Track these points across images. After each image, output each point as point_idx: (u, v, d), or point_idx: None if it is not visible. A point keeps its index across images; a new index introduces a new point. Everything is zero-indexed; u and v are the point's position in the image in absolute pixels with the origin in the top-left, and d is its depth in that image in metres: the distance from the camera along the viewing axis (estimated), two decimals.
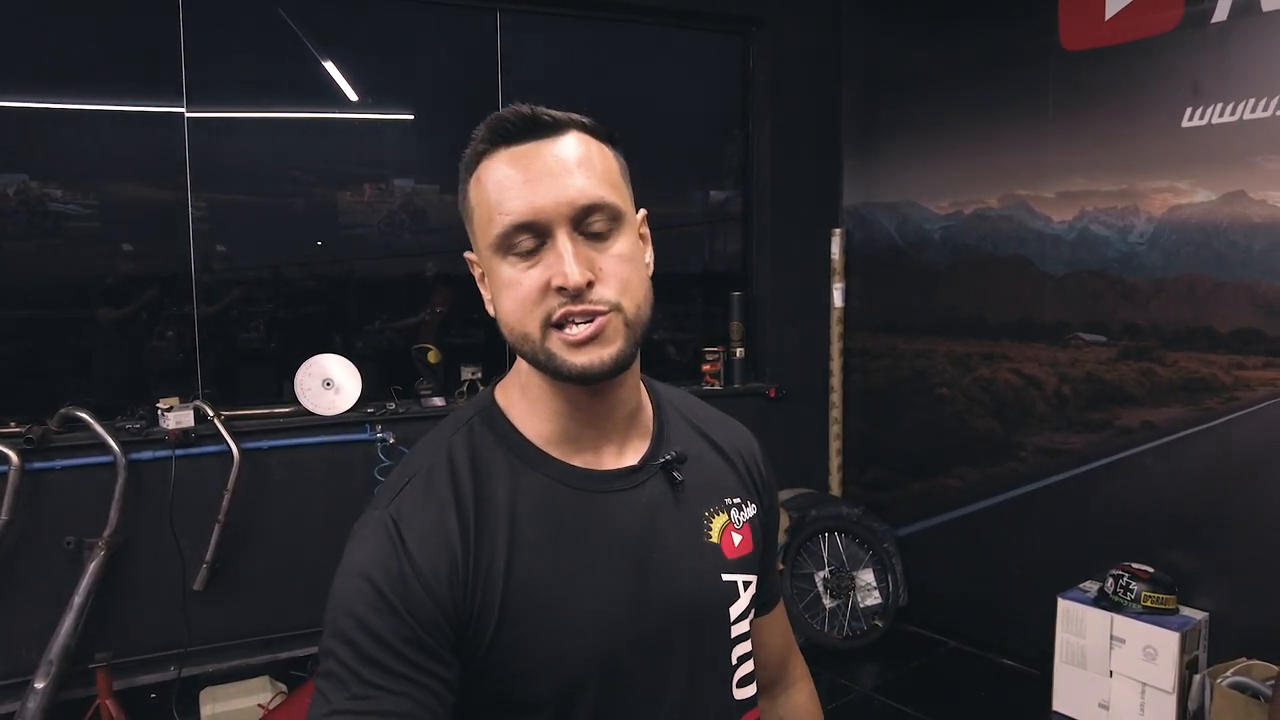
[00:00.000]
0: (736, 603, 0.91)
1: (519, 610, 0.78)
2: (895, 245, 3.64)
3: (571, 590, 0.80)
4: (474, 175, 0.81)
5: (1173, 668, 2.57)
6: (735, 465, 0.97)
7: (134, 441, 2.70)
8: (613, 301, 0.77)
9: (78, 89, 2.89)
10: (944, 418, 3.48)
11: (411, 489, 0.81)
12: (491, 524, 0.79)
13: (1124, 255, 2.87)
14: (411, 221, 3.47)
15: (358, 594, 0.75)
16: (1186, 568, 2.72)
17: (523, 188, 0.76)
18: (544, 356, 0.78)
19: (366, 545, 0.78)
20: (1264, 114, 2.52)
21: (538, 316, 0.77)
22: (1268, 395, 2.57)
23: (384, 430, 3.05)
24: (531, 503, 0.81)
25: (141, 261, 3.06)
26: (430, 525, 0.78)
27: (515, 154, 0.78)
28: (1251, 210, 2.56)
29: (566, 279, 0.75)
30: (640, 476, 0.87)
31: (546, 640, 0.79)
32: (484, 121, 0.80)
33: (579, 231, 0.77)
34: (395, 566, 0.75)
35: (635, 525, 0.85)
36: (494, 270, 0.80)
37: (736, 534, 0.92)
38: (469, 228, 0.84)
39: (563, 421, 0.84)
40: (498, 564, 0.78)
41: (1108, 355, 2.93)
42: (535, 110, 0.79)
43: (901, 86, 3.60)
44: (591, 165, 0.78)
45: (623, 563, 0.83)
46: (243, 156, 3.15)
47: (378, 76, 3.32)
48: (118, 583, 2.69)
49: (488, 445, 0.84)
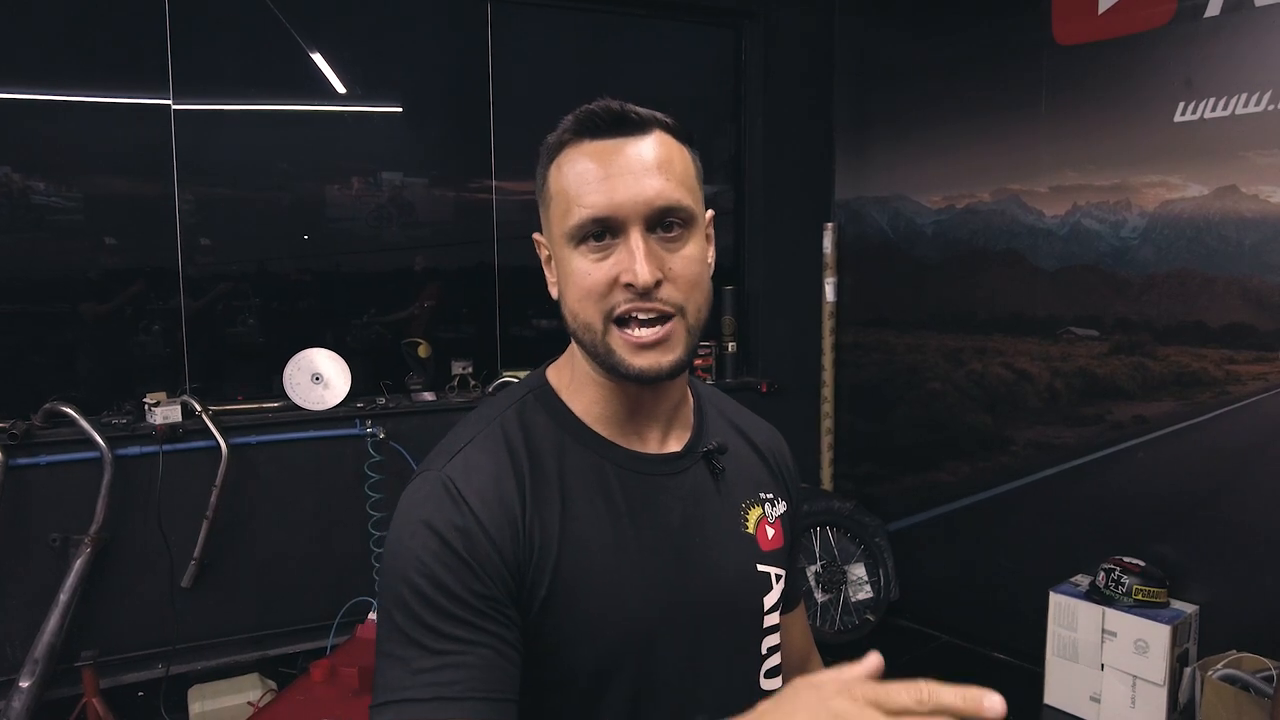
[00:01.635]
0: (770, 594, 0.93)
1: (569, 577, 0.79)
2: (887, 240, 3.64)
3: (617, 565, 0.82)
4: (555, 162, 0.83)
5: (1164, 661, 2.58)
6: (768, 461, 1.00)
7: (120, 437, 2.66)
8: (678, 304, 0.80)
9: (61, 80, 2.84)
10: (936, 412, 3.48)
11: (466, 454, 0.82)
12: (545, 491, 0.81)
13: (1116, 250, 2.87)
14: (400, 215, 3.44)
15: (423, 547, 0.76)
16: (1177, 561, 2.73)
17: (603, 183, 0.78)
18: (603, 350, 0.80)
19: (427, 502, 0.78)
20: (1256, 109, 2.52)
21: (602, 309, 0.79)
22: (1258, 389, 2.58)
23: (374, 425, 3.02)
24: (581, 478, 0.84)
25: (127, 255, 3.01)
26: (489, 484, 0.79)
27: (599, 148, 0.80)
28: (1243, 205, 2.57)
29: (636, 277, 0.77)
30: (683, 464, 0.89)
31: (592, 610, 0.80)
32: (572, 113, 0.82)
33: (652, 231, 0.79)
34: (459, 520, 0.77)
35: (678, 510, 0.87)
36: (564, 258, 0.82)
37: (770, 527, 0.95)
38: (543, 212, 0.86)
39: (612, 407, 0.87)
40: (552, 529, 0.80)
41: (1100, 349, 2.94)
42: (624, 107, 0.81)
43: (894, 80, 3.59)
44: (671, 167, 0.80)
45: (665, 544, 0.85)
46: (229, 149, 3.11)
47: (366, 68, 3.28)
48: (104, 580, 2.66)
49: (539, 420, 0.86)
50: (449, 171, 3.52)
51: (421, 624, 0.74)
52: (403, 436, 3.05)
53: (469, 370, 3.29)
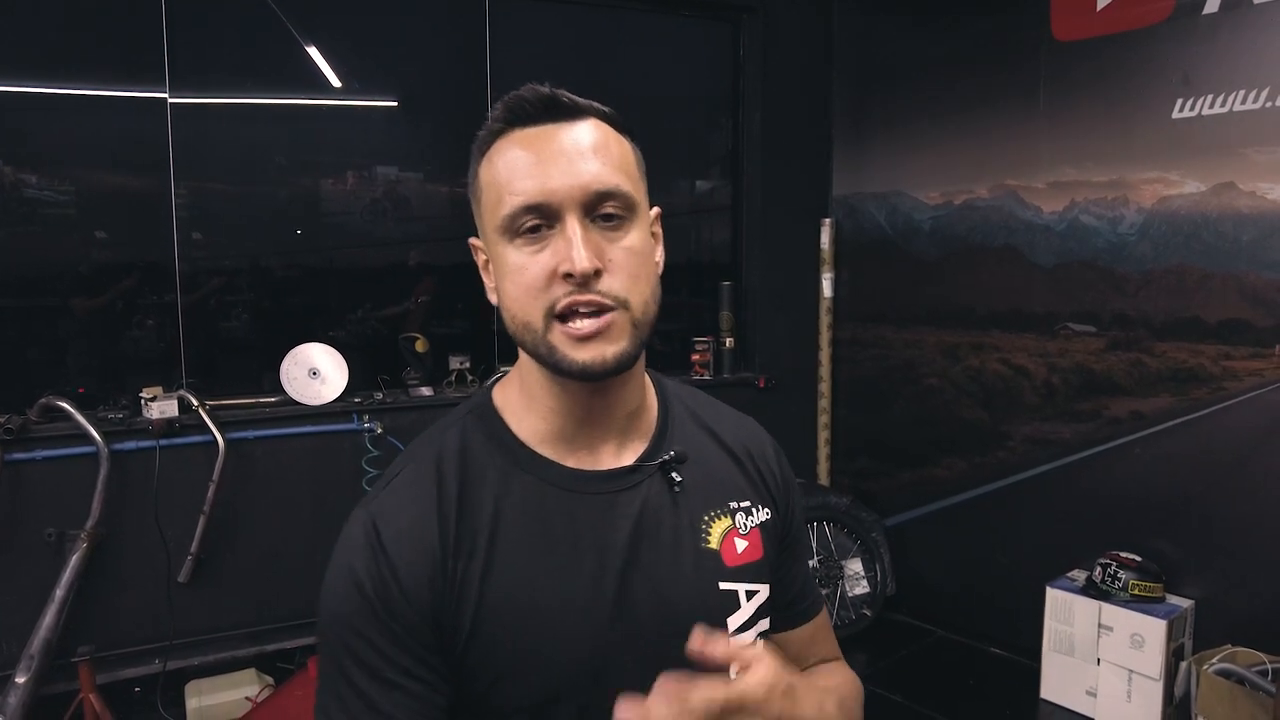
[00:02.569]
0: (736, 613, 0.86)
1: (497, 613, 0.77)
2: (885, 235, 3.64)
3: (552, 595, 0.78)
4: (486, 155, 0.79)
5: (1159, 655, 2.59)
6: (744, 466, 0.93)
7: (116, 432, 2.65)
8: (620, 296, 0.75)
9: (56, 72, 2.82)
10: (933, 408, 3.49)
11: (394, 488, 0.80)
12: (473, 526, 0.78)
13: (1114, 246, 2.88)
14: (397, 209, 3.43)
15: (344, 597, 0.76)
16: (1173, 556, 2.74)
17: (535, 168, 0.74)
18: (545, 349, 0.76)
19: (353, 547, 0.77)
20: (1254, 105, 2.53)
21: (541, 305, 0.75)
22: (1254, 385, 2.59)
23: (371, 420, 3.02)
24: (518, 505, 0.80)
25: (122, 249, 3.00)
26: (409, 525, 0.77)
27: (530, 135, 0.76)
28: (1240, 201, 2.58)
29: (574, 264, 0.72)
30: (636, 477, 0.84)
31: (524, 645, 0.77)
32: (501, 100, 0.78)
33: (590, 219, 0.75)
34: (376, 570, 0.75)
35: (627, 529, 0.82)
36: (499, 255, 0.78)
37: (741, 540, 0.88)
38: (476, 210, 0.82)
39: (559, 419, 0.82)
40: (476, 566, 0.77)
41: (1097, 346, 2.95)
42: (555, 92, 0.77)
43: (893, 76, 3.59)
44: (608, 152, 0.76)
45: (609, 567, 0.80)
46: (225, 143, 3.09)
47: (363, 62, 3.27)
48: (101, 575, 2.65)
49: (478, 444, 0.83)
50: (446, 166, 3.51)
51: (343, 675, 0.74)
52: (400, 431, 3.05)
53: (466, 365, 3.29)
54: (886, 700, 2.95)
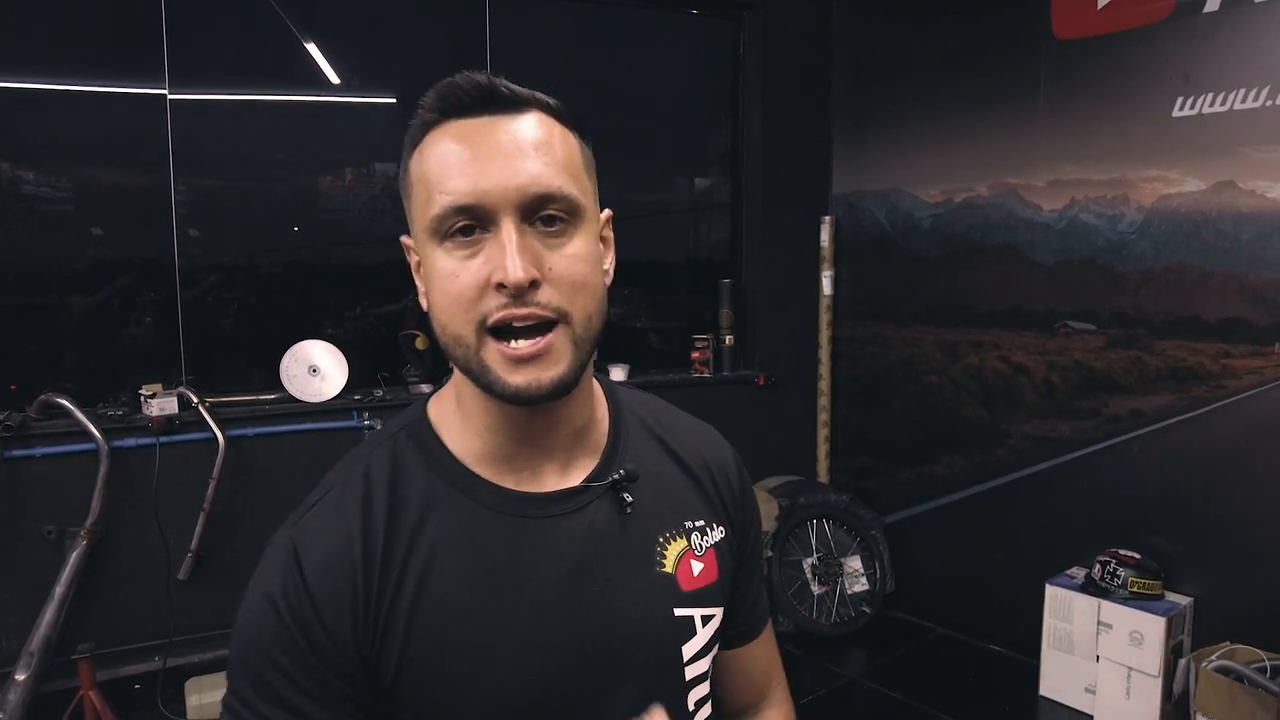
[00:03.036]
0: (691, 640, 0.81)
1: (427, 647, 0.71)
2: (885, 233, 3.64)
3: (490, 629, 0.72)
4: (417, 148, 0.72)
5: (1158, 652, 2.60)
6: (701, 482, 0.87)
7: (116, 429, 2.65)
8: (560, 308, 0.68)
9: (54, 68, 2.81)
10: (932, 405, 3.50)
11: (318, 511, 0.74)
12: (401, 554, 0.72)
13: (1113, 244, 2.88)
14: (394, 206, 3.42)
15: (259, 624, 0.70)
16: (1172, 554, 2.75)
17: (468, 165, 0.67)
18: (477, 367, 0.70)
19: (273, 572, 0.71)
20: (1254, 104, 2.53)
21: (473, 318, 0.68)
22: (1253, 384, 2.60)
23: (371, 417, 3.01)
24: (452, 530, 0.73)
25: (121, 246, 2.98)
26: (332, 553, 0.71)
27: (465, 128, 0.69)
28: (1240, 200, 2.58)
29: (507, 274, 0.66)
30: (584, 499, 0.78)
31: (457, 680, 0.71)
32: (434, 88, 0.71)
33: (529, 223, 0.68)
34: (295, 598, 0.69)
35: (572, 554, 0.76)
36: (428, 257, 0.71)
37: (697, 561, 0.83)
38: (406, 206, 0.75)
39: (497, 438, 0.75)
40: (403, 599, 0.71)
41: (1096, 344, 2.95)
42: (494, 81, 0.70)
43: (892, 73, 3.59)
44: (551, 150, 0.70)
45: (554, 597, 0.74)
46: (224, 139, 3.08)
47: (361, 58, 3.26)
48: (100, 572, 2.65)
49: (409, 464, 0.76)
50: None
51: (248, 704, 0.69)
52: None
53: None
54: (886, 697, 2.96)
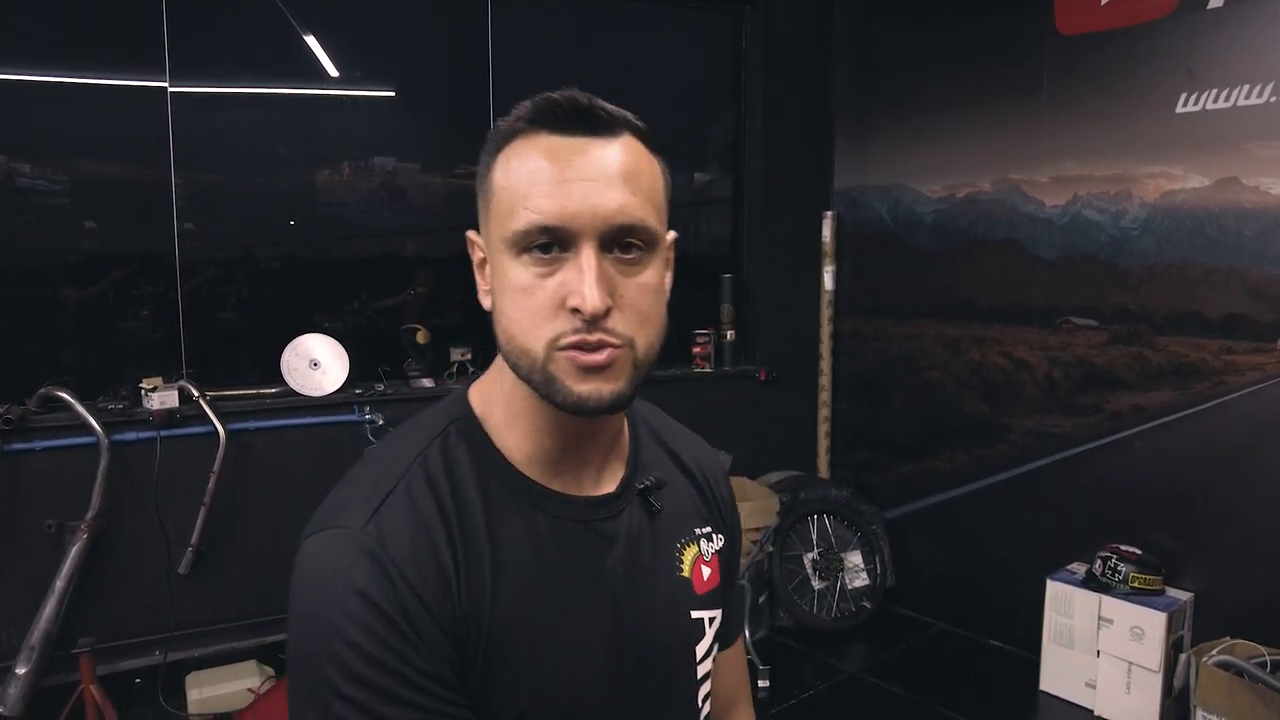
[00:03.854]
0: (701, 641, 0.86)
1: (500, 641, 0.72)
2: (886, 228, 3.64)
3: (553, 627, 0.74)
4: (504, 153, 0.72)
5: (1159, 647, 2.61)
6: (704, 491, 0.91)
7: (117, 422, 2.63)
8: (626, 336, 0.70)
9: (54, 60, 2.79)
10: (933, 401, 3.50)
11: (391, 508, 0.72)
12: (474, 548, 0.72)
13: (1116, 240, 2.88)
14: (397, 200, 3.41)
15: (356, 621, 0.66)
16: (1173, 549, 2.76)
17: (558, 187, 0.68)
18: (541, 378, 0.70)
19: (353, 568, 0.68)
20: (1258, 100, 2.53)
21: (545, 335, 0.69)
22: (1255, 380, 2.60)
23: (373, 411, 3.00)
24: (513, 531, 0.75)
25: (121, 240, 2.97)
26: (419, 547, 0.70)
27: (558, 145, 0.69)
28: (1244, 196, 2.58)
29: (584, 301, 0.67)
30: (619, 505, 0.81)
31: (525, 676, 0.73)
32: (530, 99, 0.72)
33: (607, 250, 0.69)
34: (390, 587, 0.67)
35: (615, 559, 0.79)
36: (502, 266, 0.71)
37: (706, 566, 0.87)
38: (482, 208, 0.75)
39: (545, 440, 0.77)
40: (482, 591, 0.71)
41: (1098, 339, 2.96)
42: (593, 101, 0.71)
43: (895, 68, 3.58)
44: (639, 180, 0.70)
45: (603, 600, 0.78)
46: (224, 133, 3.06)
47: (360, 51, 3.24)
48: (101, 566, 2.64)
49: (464, 462, 0.76)
50: (447, 157, 3.49)
51: (360, 709, 0.65)
52: (401, 423, 3.04)
53: (468, 357, 3.27)
54: (886, 692, 2.97)
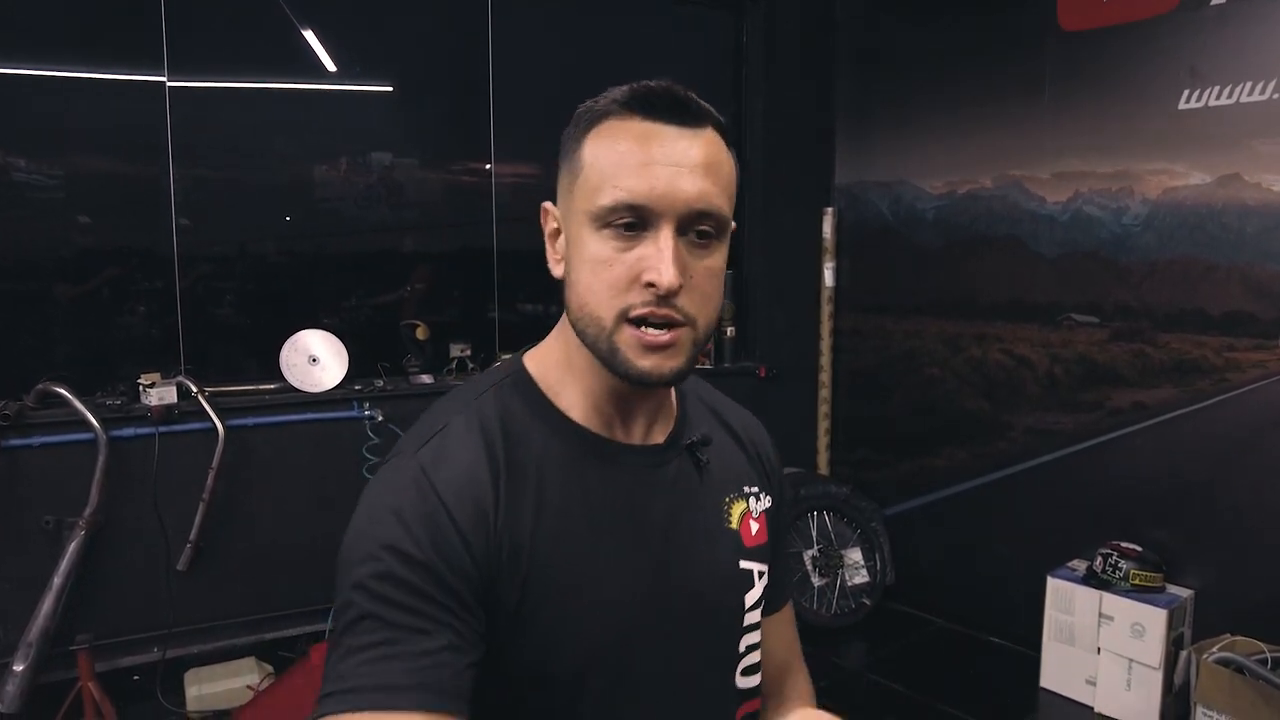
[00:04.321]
0: (751, 591, 0.90)
1: (545, 575, 0.76)
2: (888, 225, 3.63)
3: (594, 563, 0.79)
4: (595, 131, 0.77)
5: (1159, 644, 2.61)
6: (751, 455, 0.97)
7: (115, 418, 2.62)
8: (691, 315, 0.76)
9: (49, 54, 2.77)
10: (934, 398, 3.49)
11: (441, 441, 0.78)
12: (520, 484, 0.77)
13: (1118, 237, 2.88)
14: (396, 195, 3.39)
15: (389, 536, 0.72)
16: (1173, 546, 2.76)
17: (646, 169, 0.73)
18: (606, 347, 0.76)
19: (397, 490, 0.74)
20: (1261, 97, 2.53)
21: (617, 306, 0.75)
22: (1257, 377, 2.60)
23: (372, 407, 2.99)
24: (559, 470, 0.80)
25: (120, 235, 2.95)
26: (461, 475, 0.75)
27: (648, 130, 0.75)
28: (1246, 193, 2.58)
29: (660, 277, 0.72)
30: (666, 456, 0.86)
31: (569, 609, 0.77)
32: (628, 85, 0.78)
33: (683, 234, 0.75)
34: (426, 509, 0.73)
35: (660, 504, 0.84)
36: (581, 238, 0.76)
37: (754, 522, 0.92)
38: (566, 180, 0.79)
39: (599, 399, 0.83)
40: (525, 524, 0.76)
41: (1100, 336, 2.95)
42: (686, 95, 0.76)
43: (896, 64, 3.57)
44: (718, 171, 0.76)
45: (645, 541, 0.82)
46: (222, 128, 3.04)
47: (358, 46, 3.22)
48: (99, 563, 2.62)
49: (516, 409, 0.82)
50: (447, 152, 3.48)
51: (377, 616, 0.70)
52: (401, 419, 3.02)
53: (467, 353, 3.26)
54: (887, 689, 2.97)
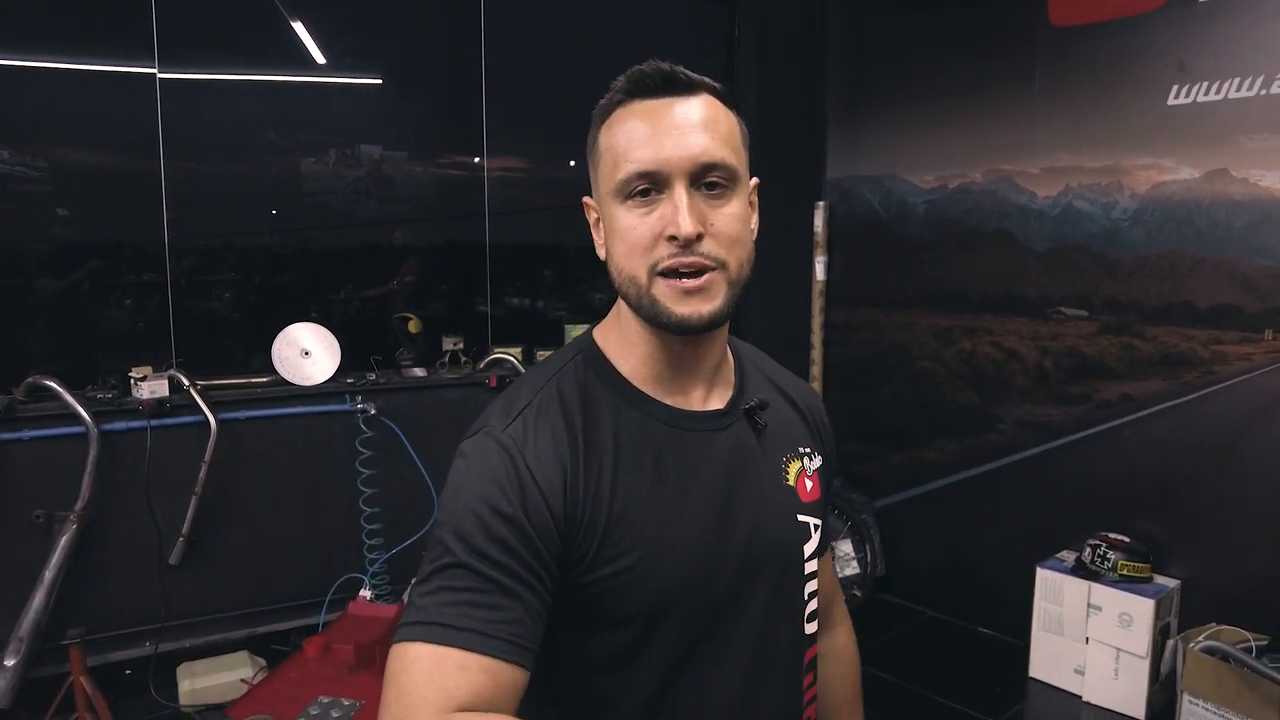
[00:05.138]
0: (809, 542, 0.98)
1: (620, 530, 0.84)
2: (878, 219, 3.65)
3: (666, 518, 0.86)
4: (606, 123, 0.86)
5: (1147, 633, 2.65)
6: (805, 418, 1.05)
7: (106, 412, 2.60)
8: (720, 258, 0.83)
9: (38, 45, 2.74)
10: (924, 390, 3.52)
11: (524, 417, 0.86)
12: (597, 451, 0.86)
13: (1107, 231, 2.90)
14: (387, 189, 3.38)
15: (482, 498, 0.80)
16: (1160, 537, 2.79)
17: (650, 139, 0.82)
18: (647, 302, 0.84)
19: (489, 457, 0.83)
20: (1249, 93, 2.56)
21: (647, 262, 0.83)
22: (1243, 370, 2.64)
23: (364, 401, 2.98)
24: (632, 435, 0.88)
25: (110, 228, 2.92)
26: (545, 447, 0.84)
27: (648, 107, 0.84)
28: (1233, 188, 2.61)
29: (679, 228, 0.80)
30: (727, 420, 0.94)
31: (643, 560, 0.84)
32: (623, 75, 0.86)
33: (696, 187, 0.82)
34: (515, 476, 0.81)
35: (724, 463, 0.91)
36: (611, 215, 0.85)
37: (809, 480, 1.00)
38: (592, 172, 0.89)
39: (656, 365, 0.90)
40: (604, 486, 0.84)
41: (1088, 330, 2.98)
42: (673, 68, 0.85)
43: (888, 59, 3.58)
44: (716, 126, 0.84)
45: (712, 497, 0.89)
46: (212, 120, 3.02)
47: (348, 38, 3.20)
48: (91, 557, 2.61)
49: (590, 381, 0.90)
50: (439, 146, 3.47)
51: (469, 567, 0.78)
52: (394, 412, 3.02)
53: (460, 346, 3.26)
54: (878, 679, 2.99)
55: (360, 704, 2.34)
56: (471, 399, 3.19)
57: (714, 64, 3.85)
